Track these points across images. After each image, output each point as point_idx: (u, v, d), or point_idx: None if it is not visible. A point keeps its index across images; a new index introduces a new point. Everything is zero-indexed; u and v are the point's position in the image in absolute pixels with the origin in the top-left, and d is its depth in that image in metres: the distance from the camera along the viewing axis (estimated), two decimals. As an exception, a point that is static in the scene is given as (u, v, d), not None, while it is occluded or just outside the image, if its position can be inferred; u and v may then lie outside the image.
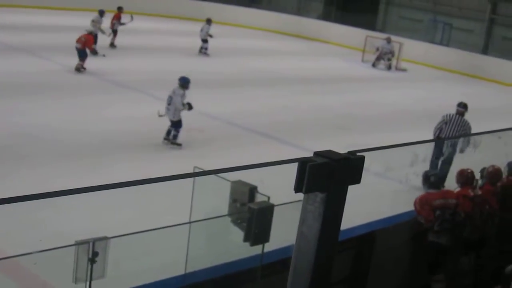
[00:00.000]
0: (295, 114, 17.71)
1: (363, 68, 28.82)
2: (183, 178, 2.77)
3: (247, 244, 5.17)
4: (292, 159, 2.69)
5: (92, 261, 4.18)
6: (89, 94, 17.23)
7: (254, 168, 2.89)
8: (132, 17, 25.35)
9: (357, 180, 2.84)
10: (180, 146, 13.41)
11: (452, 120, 12.57)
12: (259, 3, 40.39)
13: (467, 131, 12.45)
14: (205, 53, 25.91)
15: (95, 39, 21.97)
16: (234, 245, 5.51)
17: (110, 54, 23.37)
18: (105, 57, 21.76)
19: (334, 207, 2.76)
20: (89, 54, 19.99)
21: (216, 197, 5.39)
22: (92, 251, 4.18)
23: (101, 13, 23.37)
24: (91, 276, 4.23)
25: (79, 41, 19.42)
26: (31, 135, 12.88)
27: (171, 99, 13.29)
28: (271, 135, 15.29)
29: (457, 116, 12.68)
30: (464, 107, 12.85)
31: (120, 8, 25.21)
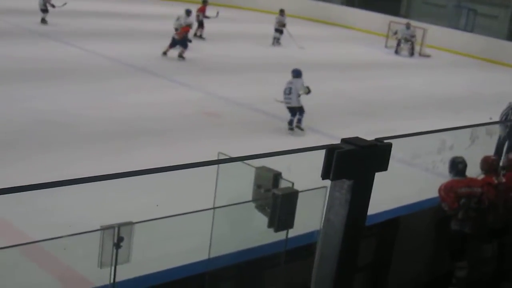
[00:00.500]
0: (318, 100, 17.64)
1: (386, 54, 28.71)
2: (208, 165, 2.78)
3: (271, 230, 5.17)
4: (319, 146, 2.68)
5: (117, 246, 4.21)
6: (111, 79, 17.29)
7: (282, 154, 2.89)
8: (218, 12, 26.42)
9: (384, 167, 2.83)
10: (303, 130, 14.34)
11: None
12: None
13: None
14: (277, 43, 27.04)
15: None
16: (258, 230, 5.51)
17: (129, 39, 23.46)
18: (205, 40, 23.45)
19: (361, 194, 2.76)
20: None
21: (241, 183, 5.38)
22: (117, 236, 4.20)
23: (188, 12, 23.75)
24: (116, 261, 4.26)
25: (178, 33, 21.30)
26: (54, 121, 12.96)
27: (290, 89, 14.31)
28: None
29: None
30: None
31: (205, 1, 26.87)
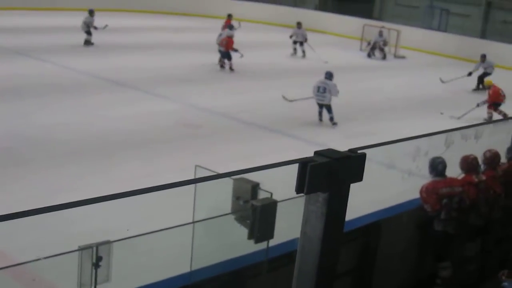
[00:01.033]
0: (295, 105, 17.69)
1: (362, 57, 28.83)
2: (186, 185, 2.76)
3: (251, 241, 5.16)
4: (292, 160, 2.66)
5: (96, 265, 4.17)
6: (89, 94, 17.20)
7: (255, 171, 2.87)
8: (240, 23, 27.47)
9: (359, 178, 2.81)
10: (336, 124, 16.22)
11: None
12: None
13: None
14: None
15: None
16: (239, 241, 5.50)
17: (106, 52, 23.41)
18: (242, 57, 22.78)
19: (337, 206, 2.74)
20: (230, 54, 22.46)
21: (219, 194, 5.37)
22: (96, 255, 4.17)
23: (230, 27, 25.06)
24: (96, 281, 4.22)
25: (221, 44, 22.57)
26: (33, 137, 12.87)
27: (324, 88, 16.18)
28: (271, 128, 15.29)
29: None
30: None
31: (229, 15, 28.26)
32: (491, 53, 29.40)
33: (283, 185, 4.46)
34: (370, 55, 28.92)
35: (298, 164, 2.59)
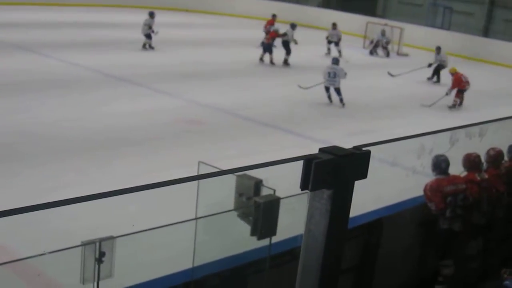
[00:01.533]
0: (298, 102, 17.70)
1: (365, 55, 28.81)
2: (189, 181, 2.75)
3: (254, 237, 5.16)
4: (297, 157, 2.66)
5: (99, 261, 4.17)
6: (92, 90, 17.20)
7: (259, 168, 2.87)
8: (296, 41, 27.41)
9: (363, 175, 2.81)
10: (345, 105, 18.04)
11: None
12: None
13: None
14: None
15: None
16: (241, 238, 5.50)
17: (108, 48, 23.40)
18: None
19: (341, 203, 2.74)
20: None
21: (222, 191, 5.36)
22: (99, 251, 4.17)
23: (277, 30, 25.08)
24: (98, 276, 4.22)
25: (266, 38, 23.90)
26: (35, 133, 12.87)
27: (334, 73, 17.97)
28: (274, 125, 15.27)
29: None
30: None
31: (274, 15, 28.88)
32: (494, 51, 29.46)
33: (285, 182, 4.47)
34: (372, 52, 28.92)
35: (302, 161, 2.59)
